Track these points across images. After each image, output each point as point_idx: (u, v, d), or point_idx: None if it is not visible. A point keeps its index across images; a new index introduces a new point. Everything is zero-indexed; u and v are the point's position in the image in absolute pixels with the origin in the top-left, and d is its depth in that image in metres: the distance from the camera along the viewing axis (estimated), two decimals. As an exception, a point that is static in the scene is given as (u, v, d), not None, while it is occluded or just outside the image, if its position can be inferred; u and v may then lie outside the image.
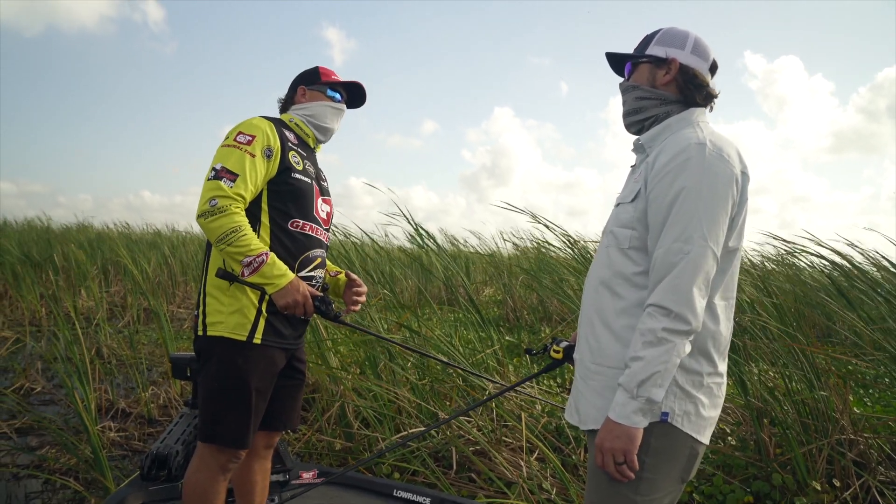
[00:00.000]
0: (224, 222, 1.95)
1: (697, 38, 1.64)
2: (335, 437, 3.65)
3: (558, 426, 3.55)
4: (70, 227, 15.82)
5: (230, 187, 1.98)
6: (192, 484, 2.10)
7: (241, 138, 2.06)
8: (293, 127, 2.30)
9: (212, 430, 2.06)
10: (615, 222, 1.61)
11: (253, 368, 2.05)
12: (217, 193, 1.97)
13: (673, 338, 1.40)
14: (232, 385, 2.04)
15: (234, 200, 1.98)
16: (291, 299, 2.02)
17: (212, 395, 2.06)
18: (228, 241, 1.95)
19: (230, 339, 2.04)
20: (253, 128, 2.09)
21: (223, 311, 2.05)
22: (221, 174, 1.99)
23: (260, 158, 2.05)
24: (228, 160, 2.02)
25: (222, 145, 2.08)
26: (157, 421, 4.29)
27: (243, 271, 1.98)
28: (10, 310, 8.04)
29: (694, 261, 1.41)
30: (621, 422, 1.43)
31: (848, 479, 2.81)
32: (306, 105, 2.32)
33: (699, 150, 1.45)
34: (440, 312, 6.74)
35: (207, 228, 1.98)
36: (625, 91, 1.71)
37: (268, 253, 2.00)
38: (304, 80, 2.37)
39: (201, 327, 2.08)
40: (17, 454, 3.68)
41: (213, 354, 2.06)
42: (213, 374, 2.06)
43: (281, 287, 2.00)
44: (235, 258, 1.97)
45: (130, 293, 8.08)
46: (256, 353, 2.06)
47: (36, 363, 5.39)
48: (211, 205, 1.96)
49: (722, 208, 1.44)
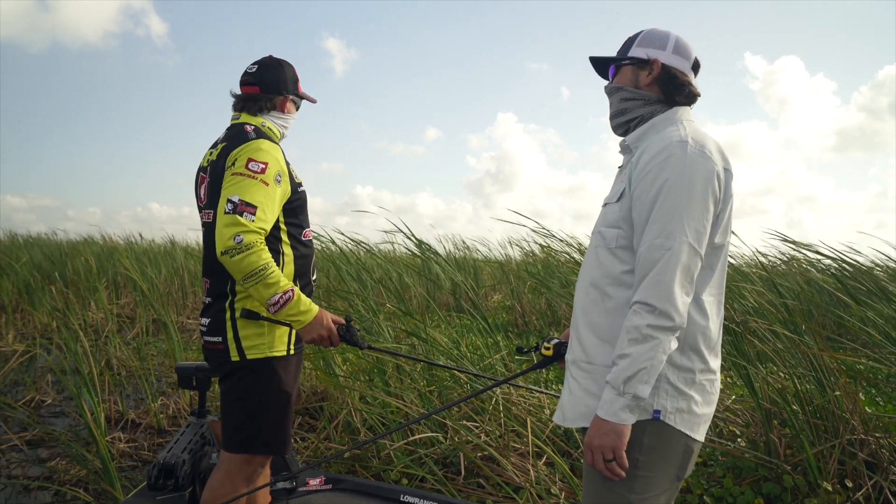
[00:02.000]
0: (252, 260, 1.88)
1: (678, 38, 1.66)
2: (343, 444, 3.65)
3: (567, 430, 3.54)
4: (80, 239, 15.94)
5: (252, 221, 1.91)
6: (215, 497, 2.10)
7: (253, 167, 1.97)
8: (267, 132, 2.20)
9: (261, 442, 2.09)
10: (603, 222, 1.63)
11: (291, 376, 2.12)
12: (241, 229, 1.89)
13: (658, 334, 1.41)
14: (279, 396, 2.08)
15: (258, 235, 1.92)
16: (317, 334, 2.01)
17: (260, 408, 2.07)
18: (259, 277, 1.89)
19: (274, 357, 2.06)
20: (264, 154, 2.01)
21: (262, 328, 2.05)
22: (241, 208, 1.91)
23: (273, 186, 2.00)
24: (245, 192, 1.93)
25: (233, 173, 1.98)
26: (167, 431, 4.30)
27: (270, 309, 1.94)
28: (22, 323, 8.10)
29: (675, 257, 1.42)
30: (609, 419, 1.43)
31: (860, 479, 2.78)
32: (286, 117, 2.26)
33: (681, 147, 1.46)
34: (448, 319, 6.73)
35: (234, 267, 1.90)
36: (610, 93, 1.73)
37: (293, 289, 1.97)
38: (289, 87, 2.26)
39: (236, 353, 2.04)
40: (27, 466, 3.71)
41: (255, 372, 2.06)
42: (259, 389, 2.07)
43: (307, 323, 1.99)
44: (264, 296, 1.92)
45: (140, 305, 8.12)
46: (293, 361, 2.12)
47: (46, 376, 5.43)
48: (236, 241, 1.88)
49: (703, 204, 1.45)
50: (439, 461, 3.34)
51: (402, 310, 5.07)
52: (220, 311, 2.08)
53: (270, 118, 2.23)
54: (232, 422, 2.10)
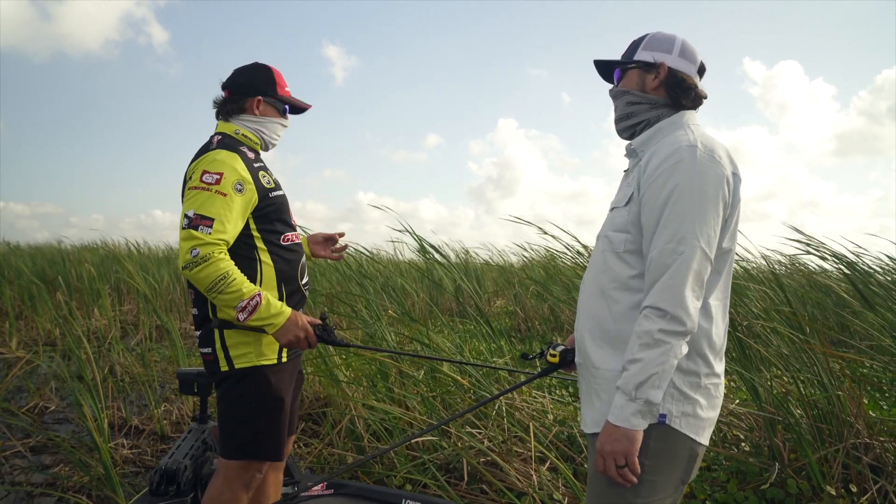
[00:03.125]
0: (210, 271, 1.88)
1: (684, 41, 1.66)
2: (346, 450, 3.65)
3: (570, 435, 3.53)
4: (83, 246, 15.98)
5: (208, 234, 1.90)
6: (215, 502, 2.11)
7: (207, 178, 1.95)
8: (241, 139, 2.17)
9: (254, 448, 2.08)
10: (610, 226, 1.62)
11: (284, 383, 2.11)
12: (196, 243, 1.89)
13: (669, 339, 1.40)
14: (271, 403, 2.08)
15: (215, 246, 1.91)
16: (293, 336, 2.00)
17: (252, 415, 2.07)
18: (218, 289, 1.89)
19: (264, 365, 2.06)
20: (218, 164, 1.98)
21: (247, 338, 2.05)
22: (196, 222, 1.91)
23: (232, 196, 1.96)
24: (201, 205, 1.92)
25: (189, 187, 1.97)
26: (170, 437, 4.30)
27: (238, 316, 1.93)
28: (26, 329, 8.12)
29: (687, 261, 1.42)
30: (621, 424, 1.43)
31: (864, 483, 2.77)
32: (259, 119, 2.19)
33: (690, 151, 1.46)
34: (451, 324, 6.73)
35: (195, 279, 1.90)
36: (615, 97, 1.72)
37: (261, 294, 1.95)
38: (261, 88, 2.19)
39: (224, 363, 2.04)
40: (31, 472, 3.70)
41: (245, 378, 2.06)
42: (250, 396, 2.06)
43: (280, 326, 1.97)
44: (229, 304, 1.91)
45: (143, 311, 8.13)
46: (285, 369, 2.11)
47: (50, 382, 5.43)
48: (192, 255, 1.88)
49: (713, 209, 1.45)
50: (442, 466, 3.33)
51: (404, 314, 5.06)
52: (206, 322, 2.09)
53: (242, 123, 2.18)
54: (226, 428, 2.11)
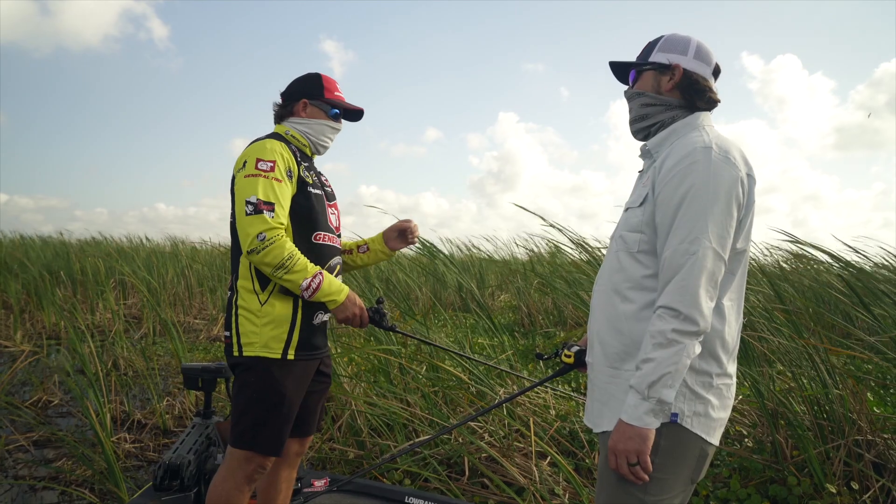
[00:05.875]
0: (278, 252, 1.99)
1: (700, 43, 1.65)
2: (347, 445, 3.65)
3: (572, 430, 3.53)
4: (88, 240, 16.02)
5: (272, 218, 2.02)
6: (217, 493, 2.13)
7: (262, 166, 2.07)
8: (290, 140, 2.28)
9: (250, 439, 2.10)
10: (624, 226, 1.63)
11: (289, 380, 2.12)
12: (263, 227, 2.00)
13: (682, 339, 1.41)
14: (270, 396, 2.10)
15: (279, 229, 2.03)
16: (350, 313, 2.14)
17: (250, 405, 2.10)
18: (287, 267, 2.01)
19: (268, 357, 2.09)
20: (270, 152, 2.10)
21: (256, 327, 2.10)
22: (260, 206, 2.02)
23: (286, 182, 2.10)
24: (261, 191, 2.04)
25: (246, 175, 2.07)
26: (172, 432, 4.32)
27: (304, 294, 2.05)
28: (31, 323, 8.15)
29: (701, 262, 1.42)
30: (633, 423, 1.43)
31: (867, 481, 2.76)
32: (306, 121, 2.29)
33: (705, 153, 1.46)
34: (454, 319, 6.73)
35: (262, 262, 2.01)
36: (630, 98, 1.73)
37: (322, 272, 2.07)
38: (307, 92, 2.31)
39: (236, 348, 2.12)
40: (34, 466, 3.72)
41: (250, 369, 2.11)
42: (252, 386, 2.11)
43: (340, 302, 2.11)
44: (295, 283, 2.03)
45: (147, 305, 8.16)
46: (292, 367, 2.13)
47: (53, 376, 5.45)
48: (260, 239, 1.99)
49: (728, 210, 1.45)
50: (443, 462, 3.34)
51: (407, 311, 5.07)
52: (231, 307, 2.18)
53: (291, 124, 2.30)
54: (233, 416, 2.16)
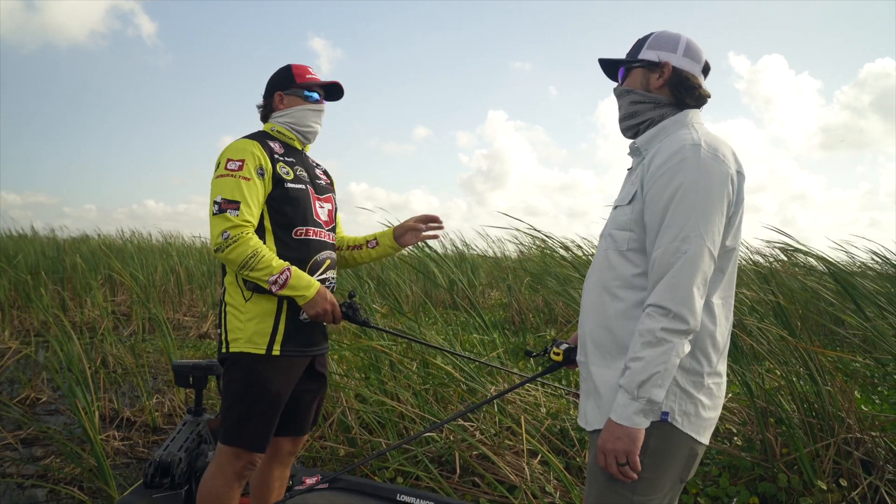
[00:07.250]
0: (241, 250, 2.02)
1: (689, 40, 1.65)
2: (339, 443, 3.65)
3: (563, 429, 3.54)
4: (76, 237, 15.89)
5: (236, 216, 2.05)
6: (207, 489, 2.15)
7: (231, 165, 2.11)
8: (276, 136, 2.31)
9: (235, 434, 2.12)
10: (613, 225, 1.62)
11: (273, 376, 2.13)
12: (226, 226, 2.04)
13: (672, 337, 1.40)
14: (254, 392, 2.11)
15: (243, 227, 2.05)
16: (321, 308, 2.12)
17: (235, 400, 2.13)
18: (250, 266, 2.03)
19: (252, 353, 2.11)
20: (240, 151, 2.13)
21: (241, 322, 2.13)
22: (224, 206, 2.06)
23: (255, 180, 2.12)
24: (226, 191, 2.07)
25: (216, 176, 2.12)
26: (162, 429, 4.30)
27: (272, 288, 2.05)
28: (19, 320, 8.07)
29: (692, 260, 1.41)
30: (623, 423, 1.43)
31: (855, 478, 2.78)
32: (285, 111, 2.32)
33: (694, 150, 1.46)
34: (444, 317, 6.72)
35: (227, 260, 2.06)
36: (619, 96, 1.72)
37: (290, 268, 2.07)
38: (279, 84, 2.34)
39: (224, 344, 2.15)
40: (22, 464, 3.69)
41: (236, 364, 2.14)
42: (237, 381, 2.13)
43: (309, 298, 2.09)
44: (261, 280, 2.04)
45: (136, 302, 8.10)
46: (277, 362, 2.14)
47: (42, 373, 5.41)
48: (224, 237, 2.03)
49: (718, 208, 1.44)
50: (434, 459, 3.34)
51: (397, 308, 5.06)
52: (221, 303, 2.21)
53: (275, 119, 2.34)
54: (221, 412, 2.18)
